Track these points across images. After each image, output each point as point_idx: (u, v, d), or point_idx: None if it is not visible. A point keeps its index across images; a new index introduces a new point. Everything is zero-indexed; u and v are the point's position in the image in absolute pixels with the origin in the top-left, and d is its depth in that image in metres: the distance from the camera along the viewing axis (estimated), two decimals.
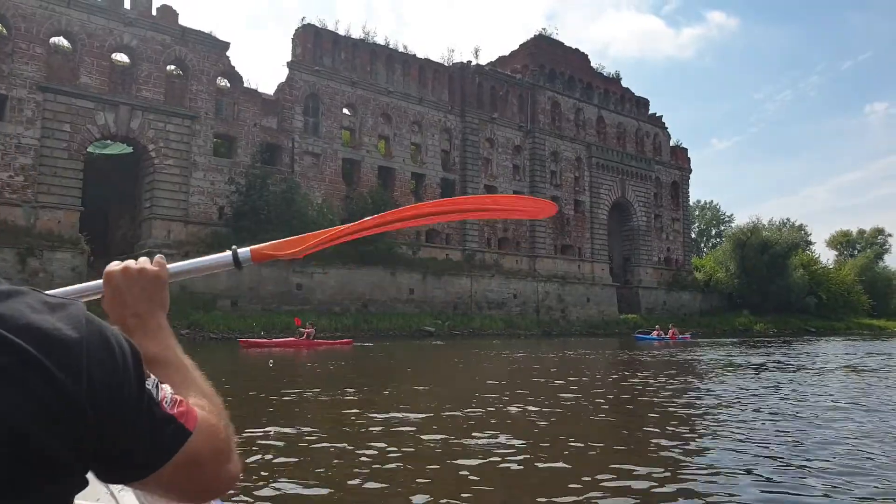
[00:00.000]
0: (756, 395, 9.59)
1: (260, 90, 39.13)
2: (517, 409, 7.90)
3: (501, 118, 50.03)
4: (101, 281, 1.08)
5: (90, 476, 0.85)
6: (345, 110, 42.34)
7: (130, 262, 1.09)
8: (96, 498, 1.27)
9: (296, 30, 40.68)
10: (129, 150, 35.19)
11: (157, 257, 1.15)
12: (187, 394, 0.94)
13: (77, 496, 0.81)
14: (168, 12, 35.04)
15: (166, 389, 0.87)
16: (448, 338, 36.95)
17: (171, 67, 35.97)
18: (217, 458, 0.91)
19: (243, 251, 1.36)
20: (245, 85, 38.16)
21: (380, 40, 44.02)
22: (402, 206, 34.17)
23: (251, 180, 35.93)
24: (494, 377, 12.94)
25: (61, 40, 33.08)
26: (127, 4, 33.81)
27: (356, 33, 42.96)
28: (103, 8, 32.97)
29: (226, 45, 37.04)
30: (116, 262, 1.09)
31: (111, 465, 0.81)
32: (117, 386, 0.78)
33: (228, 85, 37.97)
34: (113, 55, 34.04)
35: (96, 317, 0.82)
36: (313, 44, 40.54)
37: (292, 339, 26.58)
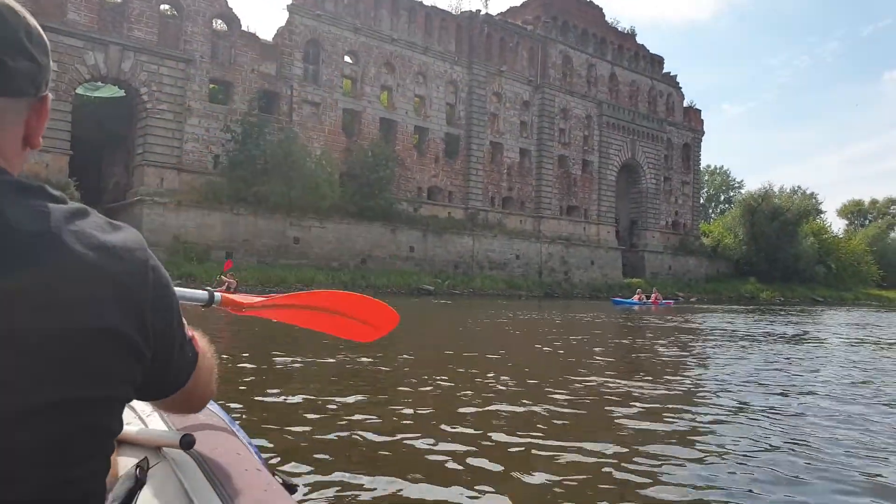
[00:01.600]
0: (757, 369, 8.56)
1: (259, 35, 37.43)
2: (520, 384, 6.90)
3: (510, 71, 48.20)
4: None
5: None
6: (346, 58, 40.65)
7: None
8: (126, 422, 1.33)
9: None
10: (122, 93, 33.77)
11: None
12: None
13: None
14: None
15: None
16: (447, 296, 36.10)
17: (164, 7, 34.27)
18: (211, 375, 1.10)
19: (217, 295, 1.78)
20: (243, 28, 36.47)
21: None
22: (405, 160, 32.00)
23: (247, 128, 34.63)
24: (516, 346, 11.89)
25: None
26: None
27: None
28: None
29: None
30: None
31: (151, 380, 0.90)
32: (168, 304, 0.89)
33: (225, 27, 36.29)
34: None
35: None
36: None
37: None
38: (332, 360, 7.83)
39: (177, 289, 1.23)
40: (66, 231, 0.76)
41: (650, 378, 7.35)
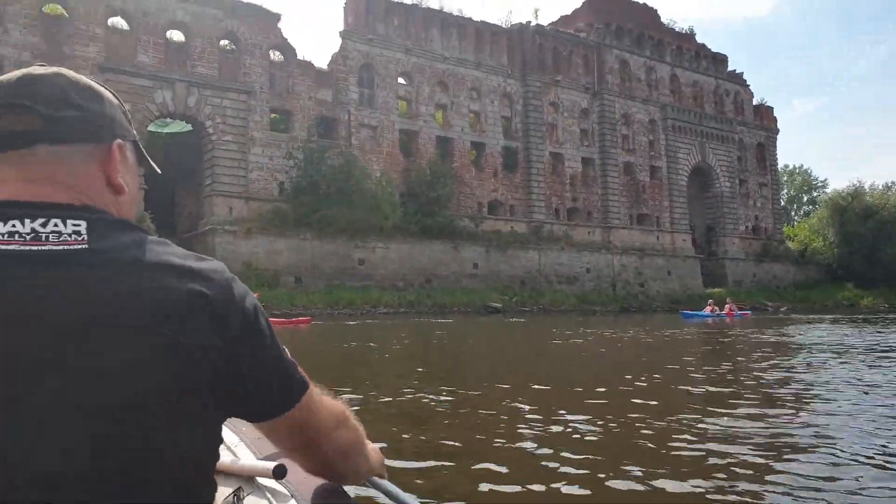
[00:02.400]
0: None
1: (314, 62, 38.60)
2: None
3: (566, 80, 47.67)
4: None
5: None
6: (400, 79, 41.31)
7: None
8: None
9: None
10: (189, 127, 35.38)
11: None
12: None
13: None
14: None
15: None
16: (517, 314, 35.29)
17: (223, 42, 35.93)
18: (330, 418, 1.04)
19: None
20: (299, 58, 37.69)
21: (433, 4, 42.78)
22: (463, 176, 30.65)
23: (308, 155, 35.49)
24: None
25: (119, 20, 33.47)
26: None
27: None
28: None
29: (277, 17, 36.69)
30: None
31: (247, 401, 0.91)
32: (255, 326, 0.90)
33: (282, 58, 37.61)
34: (167, 32, 34.23)
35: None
36: (365, 11, 39.65)
37: None
38: (388, 398, 6.46)
39: (404, 494, 1.25)
40: (153, 255, 0.84)
41: (766, 411, 5.71)
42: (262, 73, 36.05)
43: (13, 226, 0.80)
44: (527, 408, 5.71)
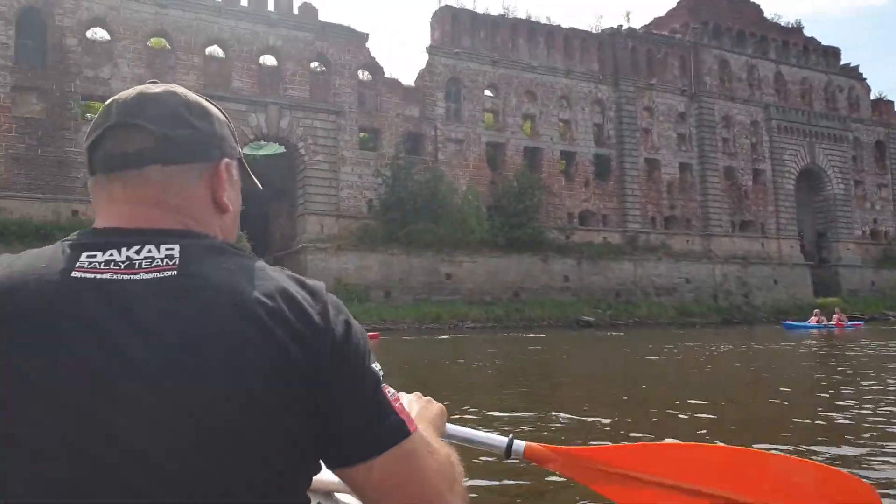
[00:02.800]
0: None
1: (401, 80, 38.90)
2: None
3: (661, 84, 45.69)
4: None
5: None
6: (487, 92, 40.92)
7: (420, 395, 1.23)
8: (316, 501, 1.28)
9: (434, 13, 39.96)
10: (282, 149, 36.48)
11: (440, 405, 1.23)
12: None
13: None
14: (308, 10, 35.82)
15: (390, 388, 0.87)
16: (610, 327, 34.14)
17: (314, 64, 36.78)
18: (439, 479, 0.87)
19: (518, 443, 1.27)
20: (386, 75, 38.08)
21: (520, 14, 42.10)
22: (552, 186, 29.47)
23: (396, 171, 35.79)
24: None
25: (216, 49, 34.95)
26: (270, 6, 35.01)
27: (495, 10, 41.51)
28: (249, 12, 34.35)
29: (364, 37, 37.18)
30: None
31: (333, 441, 0.83)
32: (350, 352, 0.82)
33: (370, 77, 38.11)
34: (260, 58, 35.41)
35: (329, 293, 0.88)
36: (452, 25, 39.54)
37: None
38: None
39: (472, 433, 1.27)
40: (244, 281, 0.81)
41: None
42: (351, 93, 36.65)
43: (111, 255, 0.81)
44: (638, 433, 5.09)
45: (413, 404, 1.17)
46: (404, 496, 0.84)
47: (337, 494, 1.23)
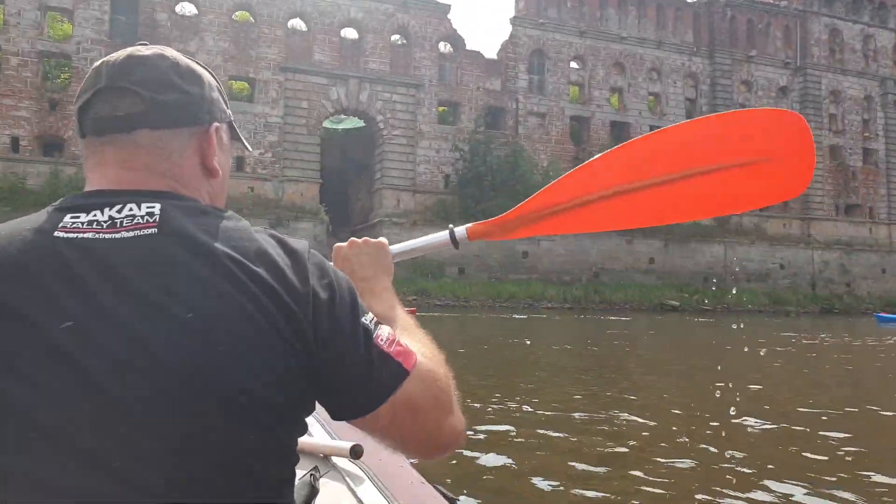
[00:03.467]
0: None
1: (482, 52, 37.93)
2: None
3: (761, 56, 42.64)
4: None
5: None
6: (572, 63, 39.35)
7: (355, 238, 1.18)
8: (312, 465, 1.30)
9: None
10: (361, 123, 36.43)
11: (381, 239, 1.20)
12: (412, 341, 0.94)
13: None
14: None
15: (384, 328, 0.87)
16: (696, 313, 32.59)
17: (395, 37, 36.37)
18: (437, 405, 0.89)
19: (459, 230, 1.30)
20: (467, 48, 37.19)
21: None
22: None
23: (474, 146, 35.07)
24: None
25: (298, 22, 35.06)
26: None
27: None
28: None
29: (446, 8, 36.39)
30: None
31: (331, 400, 0.85)
32: (334, 313, 0.82)
33: (451, 49, 37.36)
34: (342, 31, 35.28)
35: (317, 252, 0.87)
36: None
37: None
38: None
39: (414, 240, 1.27)
40: (225, 240, 0.80)
41: None
42: (431, 66, 36.05)
43: (94, 215, 0.80)
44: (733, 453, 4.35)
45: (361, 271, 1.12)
46: (416, 425, 0.87)
47: (334, 459, 1.21)
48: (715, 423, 5.37)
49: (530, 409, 5.87)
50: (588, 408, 6.14)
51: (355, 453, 1.18)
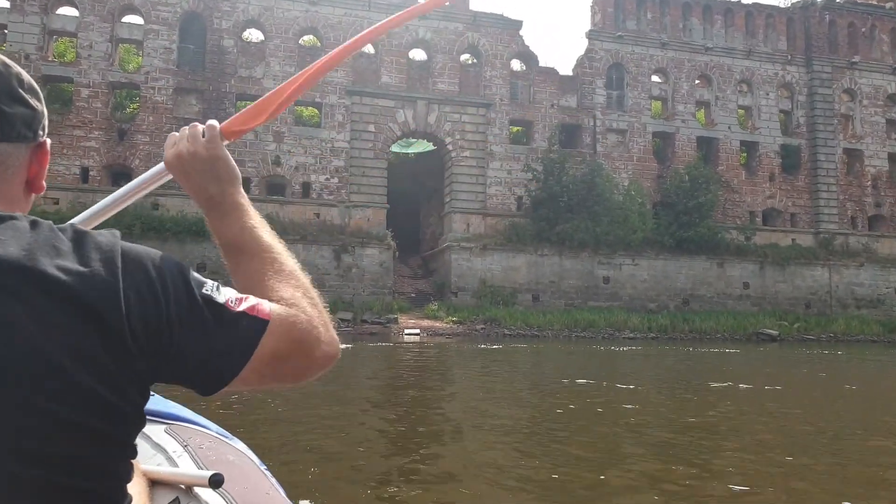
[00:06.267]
0: None
1: (557, 69, 36.17)
2: None
3: (865, 62, 38.94)
4: (162, 164, 1.06)
5: (145, 442, 1.10)
6: (654, 77, 36.99)
7: (182, 145, 1.03)
8: (157, 463, 1.34)
9: None
10: (431, 147, 35.25)
11: (209, 123, 1.05)
12: (266, 281, 0.91)
13: (136, 459, 0.89)
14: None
15: (226, 290, 0.85)
16: (798, 343, 29.28)
17: (464, 57, 35.21)
18: (302, 347, 0.87)
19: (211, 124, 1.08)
20: (540, 65, 35.55)
21: None
22: (730, 181, 31.85)
23: (548, 166, 33.14)
24: None
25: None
26: None
27: None
28: (399, 5, 33.33)
29: (518, 24, 34.95)
30: (171, 143, 1.04)
31: (195, 379, 0.83)
32: (162, 301, 0.79)
33: (523, 67, 35.83)
34: (410, 52, 34.40)
35: (128, 244, 0.83)
36: (614, 7, 36.19)
37: None
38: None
39: (129, 186, 1.13)
40: (45, 254, 0.75)
41: None
42: (502, 85, 34.57)
43: None
44: None
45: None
46: (286, 369, 0.85)
47: (196, 489, 1.19)
48: None
49: None
50: None
51: (215, 482, 1.12)
